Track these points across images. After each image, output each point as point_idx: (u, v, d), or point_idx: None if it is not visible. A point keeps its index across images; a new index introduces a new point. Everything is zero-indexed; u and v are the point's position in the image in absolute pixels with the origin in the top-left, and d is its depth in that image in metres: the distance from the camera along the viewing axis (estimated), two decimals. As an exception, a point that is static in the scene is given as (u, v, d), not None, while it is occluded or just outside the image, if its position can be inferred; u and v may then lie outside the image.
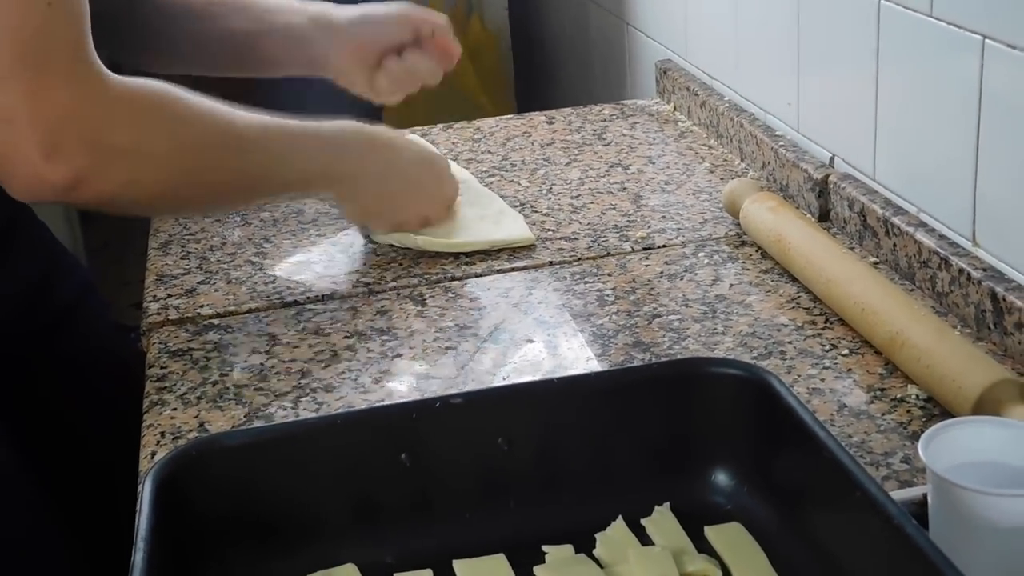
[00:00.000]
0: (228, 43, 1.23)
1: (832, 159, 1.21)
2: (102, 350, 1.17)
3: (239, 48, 1.23)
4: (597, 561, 0.73)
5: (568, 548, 0.74)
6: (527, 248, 1.17)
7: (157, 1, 1.22)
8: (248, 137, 1.01)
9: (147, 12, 1.22)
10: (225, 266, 1.18)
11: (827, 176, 1.18)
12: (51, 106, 0.86)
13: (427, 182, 1.18)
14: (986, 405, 0.83)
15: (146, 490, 0.69)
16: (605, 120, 1.52)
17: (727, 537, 0.74)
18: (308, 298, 1.11)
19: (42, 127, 0.86)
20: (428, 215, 1.18)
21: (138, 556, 0.63)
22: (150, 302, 1.12)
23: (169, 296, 1.13)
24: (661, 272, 1.12)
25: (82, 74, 0.88)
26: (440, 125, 1.53)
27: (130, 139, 0.91)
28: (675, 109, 1.54)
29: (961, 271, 0.98)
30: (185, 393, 0.97)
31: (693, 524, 0.75)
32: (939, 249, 1.01)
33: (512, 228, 1.19)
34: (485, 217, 1.20)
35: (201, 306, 1.11)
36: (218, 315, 1.09)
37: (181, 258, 1.21)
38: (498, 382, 0.95)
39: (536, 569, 0.72)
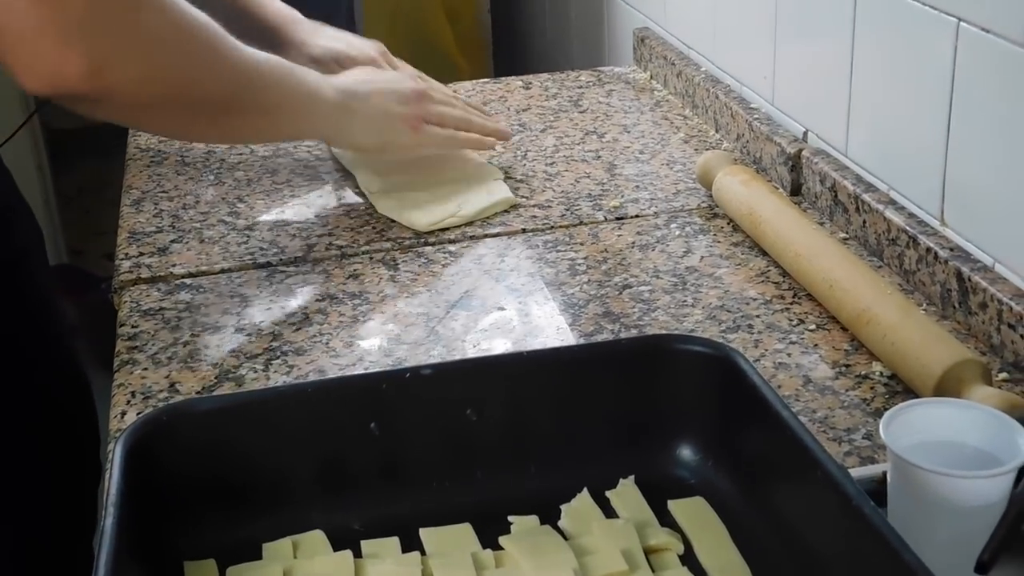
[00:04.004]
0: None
1: (805, 134, 1.21)
2: (48, 299, 1.19)
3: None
4: (562, 532, 0.74)
5: (533, 519, 0.75)
6: (501, 215, 1.18)
7: None
8: (239, 57, 1.01)
9: None
10: (198, 225, 1.18)
11: (800, 151, 1.19)
12: None
13: (391, 104, 1.18)
14: (948, 384, 0.84)
15: (116, 455, 0.69)
16: (582, 87, 1.52)
17: (690, 511, 0.75)
18: (281, 260, 1.11)
19: (67, 18, 0.86)
20: (414, 118, 1.19)
21: (108, 521, 0.64)
22: (122, 260, 1.12)
23: (141, 254, 1.13)
24: (633, 242, 1.12)
25: None
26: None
27: (144, 28, 0.93)
28: (652, 78, 1.54)
29: (928, 250, 0.99)
30: (156, 353, 0.97)
31: (657, 497, 0.76)
32: (908, 227, 1.02)
33: (495, 191, 1.20)
34: (467, 180, 1.21)
35: (173, 265, 1.11)
36: (190, 275, 1.09)
37: (154, 216, 1.21)
38: (468, 348, 0.96)
39: (501, 539, 0.73)
